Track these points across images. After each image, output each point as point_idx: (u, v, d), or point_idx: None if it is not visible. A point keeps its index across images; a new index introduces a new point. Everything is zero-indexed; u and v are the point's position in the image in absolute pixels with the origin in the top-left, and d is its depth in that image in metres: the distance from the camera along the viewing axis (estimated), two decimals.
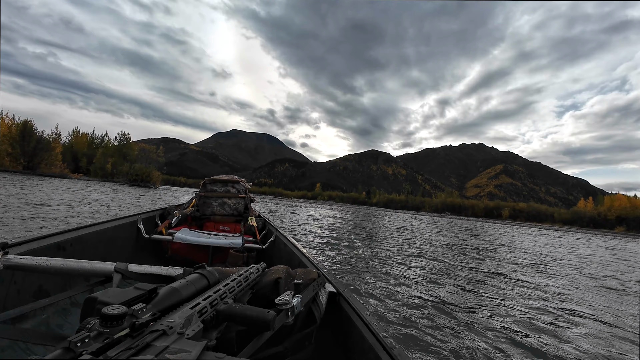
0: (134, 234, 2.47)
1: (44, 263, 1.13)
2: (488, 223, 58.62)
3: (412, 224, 21.61)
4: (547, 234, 30.52)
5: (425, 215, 73.52)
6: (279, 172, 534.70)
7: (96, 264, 1.19)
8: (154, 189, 40.62)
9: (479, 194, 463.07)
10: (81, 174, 51.11)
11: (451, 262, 6.35)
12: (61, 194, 12.43)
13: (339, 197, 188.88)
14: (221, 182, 3.32)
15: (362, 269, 4.71)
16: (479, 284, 4.60)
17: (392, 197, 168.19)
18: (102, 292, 0.59)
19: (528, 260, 7.93)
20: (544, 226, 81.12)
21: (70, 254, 1.63)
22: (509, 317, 3.21)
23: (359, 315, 1.08)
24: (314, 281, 1.17)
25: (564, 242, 18.82)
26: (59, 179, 33.43)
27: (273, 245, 2.65)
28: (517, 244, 13.08)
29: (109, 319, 0.48)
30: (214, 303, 0.69)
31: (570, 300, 4.21)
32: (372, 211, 57.09)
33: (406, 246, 8.32)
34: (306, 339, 1.09)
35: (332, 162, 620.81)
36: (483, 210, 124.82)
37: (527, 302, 3.87)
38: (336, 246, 6.93)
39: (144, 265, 1.25)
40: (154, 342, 0.48)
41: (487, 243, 12.24)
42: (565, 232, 46.24)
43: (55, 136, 50.09)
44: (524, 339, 2.66)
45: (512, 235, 20.27)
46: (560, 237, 26.47)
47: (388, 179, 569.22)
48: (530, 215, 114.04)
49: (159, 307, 0.59)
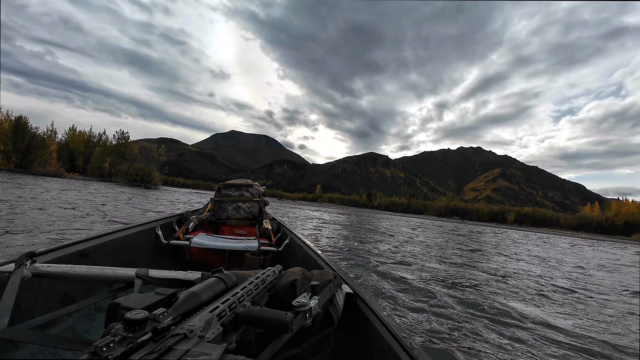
0: (153, 240, 2.52)
1: (69, 270, 1.17)
2: (503, 229, 56.64)
3: (431, 229, 19.95)
4: (578, 243, 28.44)
5: (435, 220, 71.54)
6: (278, 174, 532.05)
7: (118, 270, 1.22)
8: (155, 190, 38.48)
9: (477, 198, 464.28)
10: (77, 173, 48.85)
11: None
12: (49, 195, 10.14)
13: (340, 199, 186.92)
14: (235, 187, 3.34)
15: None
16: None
17: (394, 200, 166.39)
18: (125, 298, 0.62)
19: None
20: (567, 233, 79.23)
21: (93, 261, 1.67)
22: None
23: (377, 315, 1.07)
24: (330, 282, 1.16)
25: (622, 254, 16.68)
26: (53, 178, 31.18)
27: (288, 248, 2.68)
28: (589, 260, 10.97)
29: (132, 323, 0.49)
30: (233, 306, 0.70)
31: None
32: (379, 214, 55.24)
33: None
34: (324, 341, 1.09)
35: (330, 164, 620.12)
36: (488, 215, 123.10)
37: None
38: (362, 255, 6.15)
39: (164, 270, 1.28)
40: (175, 345, 0.49)
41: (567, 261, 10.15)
42: (597, 241, 44.10)
43: (51, 134, 47.55)
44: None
45: (550, 245, 18.20)
46: (595, 247, 24.42)
47: (386, 182, 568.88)
48: (535, 220, 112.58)
49: (179, 311, 0.60)
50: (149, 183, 45.76)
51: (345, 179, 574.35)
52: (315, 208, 46.01)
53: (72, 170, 49.28)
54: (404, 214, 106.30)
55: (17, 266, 1.07)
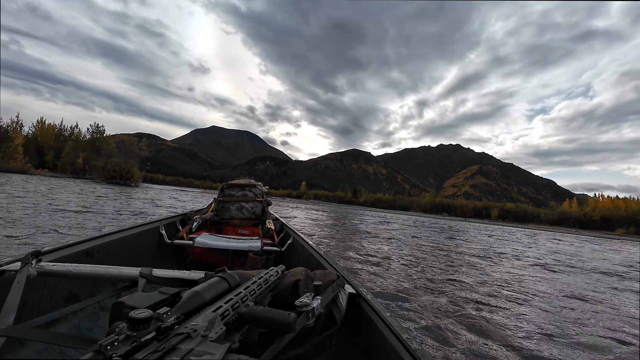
0: (157, 240, 2.53)
1: (74, 269, 1.18)
2: (497, 225, 56.97)
3: (430, 226, 18.93)
4: (561, 240, 28.17)
5: (422, 216, 71.27)
6: (260, 170, 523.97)
7: (122, 270, 1.23)
8: (135, 188, 35.35)
9: (456, 194, 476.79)
10: (46, 169, 44.57)
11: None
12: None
13: (325, 196, 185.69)
14: (238, 187, 3.36)
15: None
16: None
17: (379, 197, 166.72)
18: (129, 297, 0.62)
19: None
20: (555, 229, 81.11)
21: (98, 260, 1.69)
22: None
23: (380, 316, 1.07)
24: (333, 282, 1.16)
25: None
26: (17, 175, 27.60)
27: (291, 248, 2.68)
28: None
29: (136, 322, 0.50)
30: (236, 306, 0.70)
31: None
32: (369, 212, 54.13)
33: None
34: (327, 341, 1.09)
35: (313, 161, 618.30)
36: (472, 211, 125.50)
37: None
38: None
39: (167, 269, 1.28)
40: (179, 344, 0.49)
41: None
42: (595, 237, 44.82)
43: (16, 126, 42.91)
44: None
45: (556, 242, 17.24)
46: (580, 243, 23.97)
47: (369, 178, 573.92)
48: (518, 215, 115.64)
49: (182, 311, 0.60)
50: (128, 180, 42.22)
51: (329, 175, 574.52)
52: (298, 205, 45.14)
53: (40, 166, 44.89)
54: (390, 211, 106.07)
55: (23, 265, 1.08)
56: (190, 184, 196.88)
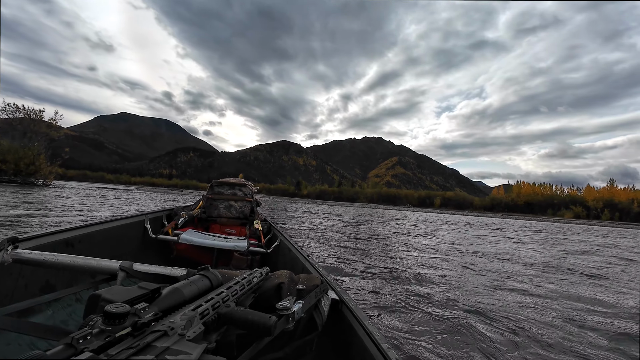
0: (141, 233, 2.48)
1: (52, 258, 1.16)
2: (456, 214, 57.03)
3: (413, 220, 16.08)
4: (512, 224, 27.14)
5: (372, 208, 68.85)
6: (183, 162, 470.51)
7: (102, 262, 1.21)
8: (46, 188, 23.55)
9: (379, 183, 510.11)
10: None
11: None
12: None
13: (267, 189, 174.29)
14: (228, 185, 3.34)
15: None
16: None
17: (324, 189, 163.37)
18: (106, 290, 0.59)
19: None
20: (500, 215, 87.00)
21: (78, 250, 1.64)
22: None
23: (361, 324, 1.06)
24: (316, 287, 1.15)
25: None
26: None
27: (277, 250, 2.67)
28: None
29: (111, 317, 0.48)
30: (216, 305, 0.68)
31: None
32: (318, 205, 49.23)
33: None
34: (307, 346, 1.08)
35: (241, 152, 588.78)
36: (417, 200, 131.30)
37: None
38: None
39: (149, 264, 1.26)
40: (154, 342, 0.47)
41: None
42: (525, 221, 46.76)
43: None
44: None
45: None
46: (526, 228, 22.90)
47: (299, 170, 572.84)
48: (457, 202, 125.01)
49: (161, 307, 0.59)
50: (30, 176, 27.61)
51: (259, 167, 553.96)
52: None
53: None
54: (337, 203, 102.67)
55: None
56: (101, 179, 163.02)
